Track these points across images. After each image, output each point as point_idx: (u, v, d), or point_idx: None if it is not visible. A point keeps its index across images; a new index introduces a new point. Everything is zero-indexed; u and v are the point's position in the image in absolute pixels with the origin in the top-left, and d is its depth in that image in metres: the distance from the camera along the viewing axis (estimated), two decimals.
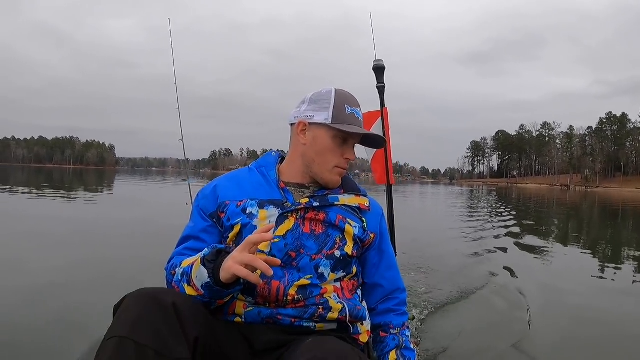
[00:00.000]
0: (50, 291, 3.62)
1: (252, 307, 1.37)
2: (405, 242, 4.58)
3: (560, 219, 16.51)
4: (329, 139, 1.45)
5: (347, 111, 1.44)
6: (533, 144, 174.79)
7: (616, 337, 3.22)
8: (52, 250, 5.37)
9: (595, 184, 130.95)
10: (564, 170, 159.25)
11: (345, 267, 1.46)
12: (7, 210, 9.93)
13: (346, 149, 1.48)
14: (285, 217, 1.43)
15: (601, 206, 27.50)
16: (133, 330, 1.09)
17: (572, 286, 4.74)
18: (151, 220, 9.07)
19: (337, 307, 1.39)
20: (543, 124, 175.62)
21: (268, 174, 1.51)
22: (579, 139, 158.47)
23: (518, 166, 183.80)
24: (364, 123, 2.52)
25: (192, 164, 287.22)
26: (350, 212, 1.50)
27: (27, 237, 6.22)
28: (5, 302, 3.30)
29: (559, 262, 6.49)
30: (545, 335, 3.11)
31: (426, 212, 17.67)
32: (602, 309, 3.91)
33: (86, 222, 8.34)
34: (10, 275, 4.16)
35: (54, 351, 2.53)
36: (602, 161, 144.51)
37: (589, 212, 21.80)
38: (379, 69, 2.96)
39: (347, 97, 1.48)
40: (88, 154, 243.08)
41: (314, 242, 1.42)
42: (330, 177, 1.48)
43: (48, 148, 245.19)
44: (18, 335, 2.71)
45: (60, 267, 4.48)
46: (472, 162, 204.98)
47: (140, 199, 16.85)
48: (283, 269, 1.38)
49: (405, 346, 1.53)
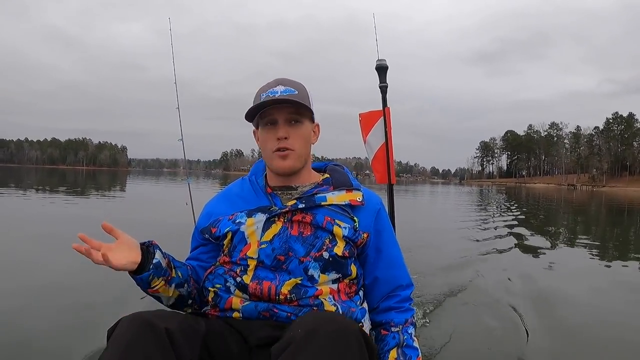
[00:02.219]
0: (63, 291, 3.68)
1: (248, 302, 1.39)
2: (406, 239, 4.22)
3: (563, 216, 16.96)
4: (262, 132, 1.48)
5: (261, 98, 1.43)
6: (541, 144, 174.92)
7: (615, 338, 3.17)
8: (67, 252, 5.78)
9: (601, 184, 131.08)
10: (572, 170, 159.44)
11: (338, 268, 1.43)
12: (35, 211, 10.47)
13: (277, 130, 1.45)
14: (272, 221, 1.43)
15: (602, 204, 27.94)
16: (124, 357, 1.10)
17: (572, 286, 4.73)
18: (162, 221, 9.07)
19: (331, 309, 1.38)
20: (551, 124, 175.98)
21: (257, 181, 1.54)
22: (587, 139, 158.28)
23: (527, 166, 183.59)
24: (364, 123, 2.77)
25: (203, 165, 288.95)
26: (339, 212, 1.47)
27: (48, 238, 6.35)
28: (16, 302, 3.33)
29: (556, 259, 6.48)
30: (543, 337, 3.04)
31: (433, 209, 18.13)
32: (599, 308, 3.90)
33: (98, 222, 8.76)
34: (29, 274, 4.27)
35: (66, 350, 2.54)
36: (609, 161, 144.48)
37: (591, 209, 22.37)
38: (381, 68, 2.92)
39: (265, 85, 1.48)
40: (101, 156, 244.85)
41: (301, 245, 1.41)
42: (273, 163, 1.47)
43: (61, 149, 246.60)
44: (30, 334, 2.75)
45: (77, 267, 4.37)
46: (481, 162, 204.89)
47: (154, 199, 17.60)
48: (273, 272, 1.39)
49: (406, 344, 1.49)
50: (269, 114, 1.44)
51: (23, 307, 3.26)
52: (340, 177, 1.54)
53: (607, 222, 15.64)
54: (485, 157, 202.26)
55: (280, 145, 1.44)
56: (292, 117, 1.45)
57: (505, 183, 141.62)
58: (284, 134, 1.43)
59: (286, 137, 1.44)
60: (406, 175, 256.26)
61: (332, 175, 1.55)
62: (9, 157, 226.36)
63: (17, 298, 3.45)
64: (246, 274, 1.40)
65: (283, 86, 1.44)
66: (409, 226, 8.42)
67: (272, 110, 1.43)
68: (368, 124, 2.91)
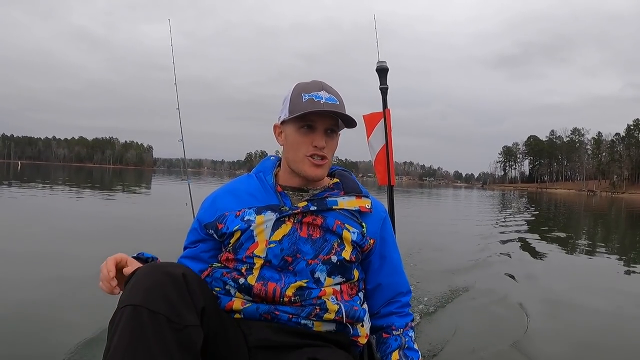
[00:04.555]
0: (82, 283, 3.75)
1: (250, 304, 1.40)
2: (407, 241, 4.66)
3: (579, 221, 17.49)
4: (294, 132, 1.43)
5: (304, 99, 1.40)
6: (563, 150, 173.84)
7: (615, 340, 3.24)
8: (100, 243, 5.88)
9: (621, 190, 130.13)
10: (593, 176, 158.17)
11: (344, 272, 1.44)
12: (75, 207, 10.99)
13: (314, 136, 1.42)
14: (282, 221, 1.42)
15: (621, 210, 28.30)
16: (145, 298, 1.13)
17: (577, 289, 4.79)
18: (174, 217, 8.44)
19: (334, 307, 1.39)
20: (573, 130, 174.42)
21: (265, 178, 1.51)
22: (609, 145, 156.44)
23: (548, 171, 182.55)
24: (367, 124, 2.80)
25: (227, 166, 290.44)
26: (349, 216, 1.47)
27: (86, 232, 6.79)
28: (37, 293, 3.48)
29: (563, 262, 6.66)
30: (544, 337, 3.08)
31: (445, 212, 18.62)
32: (601, 310, 3.95)
33: (126, 218, 9.22)
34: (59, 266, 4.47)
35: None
36: (630, 167, 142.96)
37: (606, 216, 22.67)
38: (382, 70, 2.91)
39: (306, 86, 1.44)
40: (127, 154, 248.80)
41: (310, 247, 1.41)
42: (304, 168, 1.43)
43: (88, 148, 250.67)
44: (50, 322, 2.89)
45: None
46: (503, 167, 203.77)
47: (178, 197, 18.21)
48: (280, 273, 1.39)
49: (408, 346, 1.51)
50: (310, 119, 1.41)
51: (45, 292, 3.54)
52: (350, 183, 1.55)
53: (620, 227, 16.03)
54: (508, 161, 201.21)
55: (318, 154, 1.42)
56: (331, 128, 1.44)
57: (527, 188, 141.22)
58: (322, 144, 1.42)
59: (324, 146, 1.43)
60: (429, 179, 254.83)
61: (342, 181, 1.55)
62: (37, 155, 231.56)
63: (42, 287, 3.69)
64: (251, 273, 1.40)
65: (327, 93, 1.42)
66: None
67: (315, 116, 1.41)
68: (370, 125, 2.92)
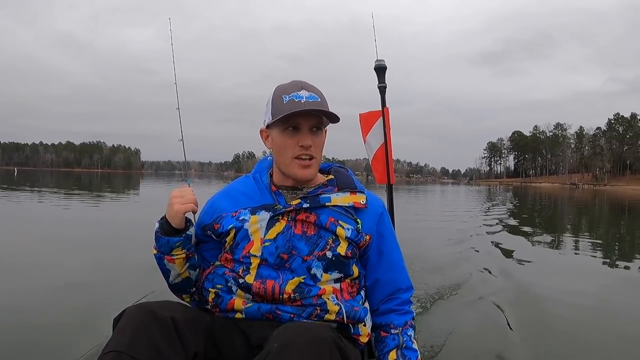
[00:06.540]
0: (74, 290, 3.76)
1: (251, 303, 1.40)
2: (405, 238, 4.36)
3: (559, 213, 18.22)
4: (279, 134, 1.43)
5: (285, 100, 1.39)
6: (547, 144, 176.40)
7: (606, 336, 3.22)
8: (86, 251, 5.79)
9: (603, 182, 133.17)
10: (576, 170, 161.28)
11: (341, 268, 1.44)
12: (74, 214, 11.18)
13: (300, 137, 1.41)
14: (276, 220, 1.43)
15: (603, 201, 29.35)
16: (130, 345, 1.12)
17: (564, 284, 4.75)
18: None
19: (334, 308, 1.39)
20: (556, 125, 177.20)
21: (261, 179, 1.52)
22: (591, 139, 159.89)
23: (533, 166, 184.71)
24: (364, 123, 2.88)
25: (214, 167, 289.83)
26: (343, 213, 1.47)
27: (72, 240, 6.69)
28: (27, 302, 3.45)
29: (547, 257, 6.75)
30: (527, 339, 3.04)
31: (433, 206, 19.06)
32: (588, 305, 3.95)
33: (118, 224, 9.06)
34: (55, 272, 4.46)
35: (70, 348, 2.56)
36: (611, 160, 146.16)
37: (587, 206, 23.76)
38: (380, 68, 2.93)
39: (286, 87, 1.43)
40: (115, 158, 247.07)
41: (305, 244, 1.42)
42: (294, 171, 1.43)
43: (76, 153, 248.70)
44: (39, 332, 2.81)
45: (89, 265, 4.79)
46: (489, 163, 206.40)
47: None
48: (277, 271, 1.40)
49: (406, 346, 1.50)
50: (294, 120, 1.39)
51: (32, 304, 3.44)
52: (344, 179, 1.54)
53: (598, 217, 16.91)
54: (493, 157, 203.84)
55: (305, 154, 1.42)
56: (316, 125, 1.43)
57: (512, 183, 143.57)
58: (309, 143, 1.41)
59: (310, 145, 1.42)
60: (416, 175, 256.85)
61: (337, 177, 1.54)
62: (25, 161, 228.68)
63: (28, 297, 3.63)
64: (249, 272, 1.41)
65: (307, 91, 1.41)
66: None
67: (298, 116, 1.39)
68: (367, 124, 2.93)
